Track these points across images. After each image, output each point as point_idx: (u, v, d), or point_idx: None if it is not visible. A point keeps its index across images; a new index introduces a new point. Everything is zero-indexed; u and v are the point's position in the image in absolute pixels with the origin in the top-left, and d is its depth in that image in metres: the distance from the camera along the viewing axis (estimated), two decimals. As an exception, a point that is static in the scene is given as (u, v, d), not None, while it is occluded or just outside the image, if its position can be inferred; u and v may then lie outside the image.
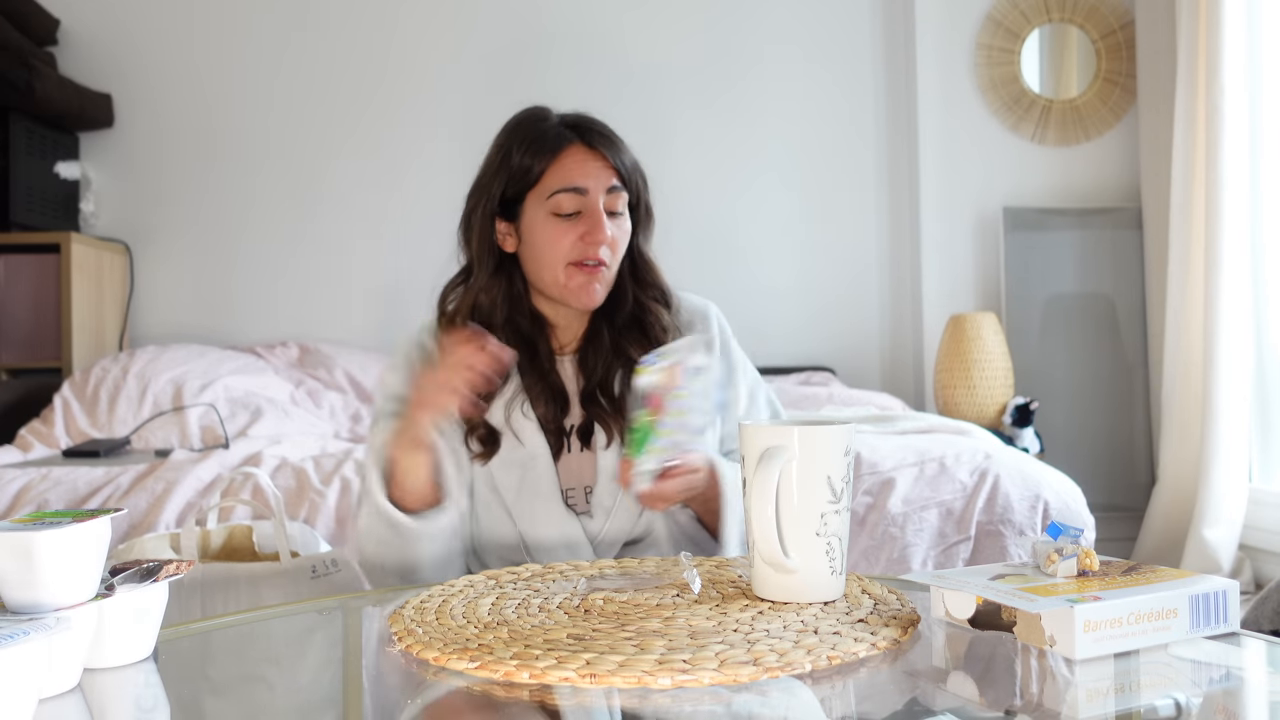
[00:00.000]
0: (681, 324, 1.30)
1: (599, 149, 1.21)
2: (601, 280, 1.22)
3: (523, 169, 1.21)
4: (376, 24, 3.47)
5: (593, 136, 1.22)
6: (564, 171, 1.20)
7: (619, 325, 1.26)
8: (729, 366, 1.30)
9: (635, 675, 0.65)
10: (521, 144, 1.22)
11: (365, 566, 1.21)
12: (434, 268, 1.33)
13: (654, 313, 1.27)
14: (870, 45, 3.60)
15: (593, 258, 1.19)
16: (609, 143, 1.23)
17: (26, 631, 0.58)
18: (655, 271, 1.29)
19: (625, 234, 1.24)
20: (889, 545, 1.84)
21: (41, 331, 3.02)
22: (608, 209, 1.21)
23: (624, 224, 1.24)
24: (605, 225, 1.20)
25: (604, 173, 1.21)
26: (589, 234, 1.19)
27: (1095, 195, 3.52)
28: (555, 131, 1.22)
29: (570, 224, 1.20)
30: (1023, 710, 0.65)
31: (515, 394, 1.24)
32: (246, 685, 0.76)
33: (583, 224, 1.20)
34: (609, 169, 1.21)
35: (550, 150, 1.21)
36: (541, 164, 1.21)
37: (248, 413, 2.63)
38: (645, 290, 1.28)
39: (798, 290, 3.54)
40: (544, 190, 1.21)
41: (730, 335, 1.33)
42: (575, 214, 1.20)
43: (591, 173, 1.20)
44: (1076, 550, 0.78)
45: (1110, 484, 3.37)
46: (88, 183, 3.36)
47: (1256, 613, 1.46)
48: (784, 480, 0.80)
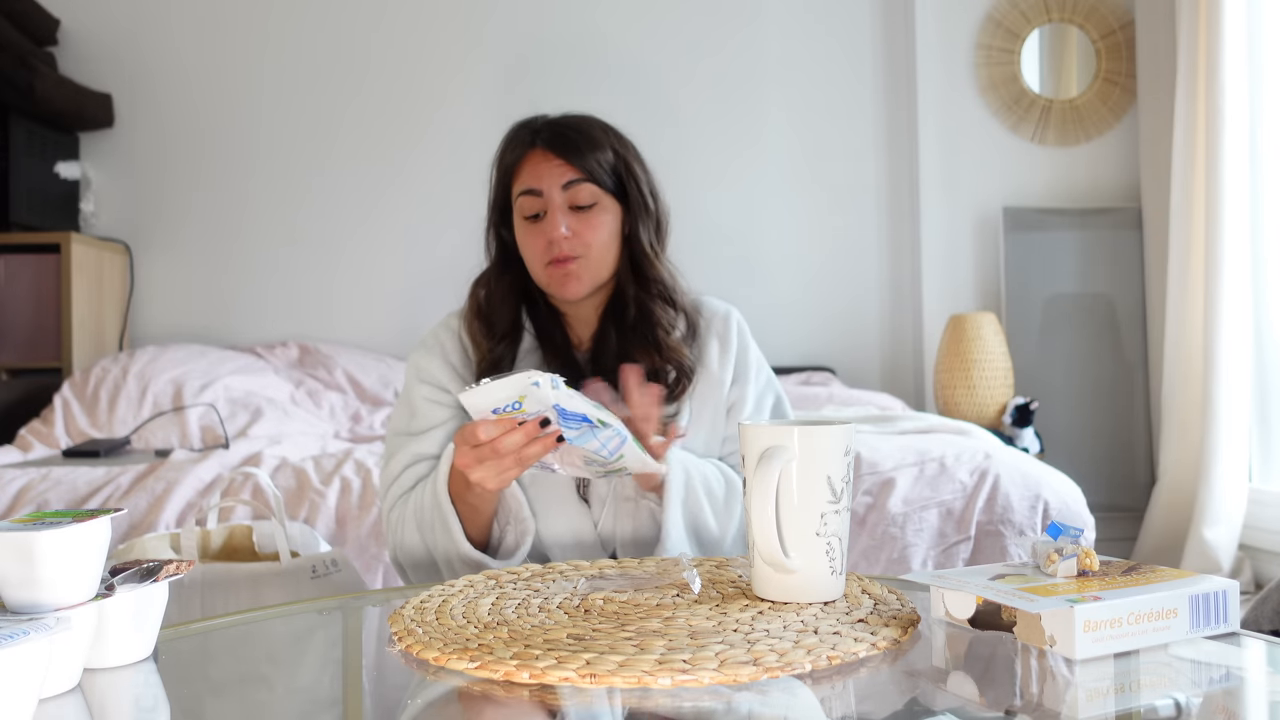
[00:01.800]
0: (701, 327, 1.31)
1: (556, 150, 1.25)
2: (576, 273, 1.25)
3: (503, 174, 1.29)
4: (378, 25, 3.47)
5: (550, 138, 1.26)
6: (524, 175, 1.27)
7: (626, 325, 1.27)
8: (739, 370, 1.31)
9: (635, 675, 0.65)
10: (501, 151, 1.30)
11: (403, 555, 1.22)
12: (434, 268, 1.35)
13: (654, 313, 1.27)
14: (870, 45, 3.60)
15: (556, 255, 1.24)
16: (565, 142, 1.25)
17: (26, 631, 0.58)
18: (656, 268, 1.29)
19: (597, 225, 1.26)
20: (889, 545, 1.84)
21: (41, 331, 3.02)
22: (570, 204, 1.25)
23: (595, 216, 1.26)
24: (560, 222, 1.23)
25: (559, 171, 1.25)
26: (547, 232, 1.24)
27: (1095, 195, 3.52)
28: (521, 138, 1.28)
29: (538, 226, 1.25)
30: (1023, 710, 0.65)
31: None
32: (246, 685, 0.76)
33: (546, 227, 1.25)
34: (564, 166, 1.25)
35: (515, 158, 1.28)
36: (510, 169, 1.28)
37: (248, 413, 2.63)
38: (648, 287, 1.29)
39: (798, 290, 3.54)
40: (515, 194, 1.28)
41: (749, 340, 1.34)
42: (540, 215, 1.25)
43: (545, 173, 1.25)
44: (1076, 550, 0.78)
45: (1110, 484, 3.37)
46: (88, 183, 3.36)
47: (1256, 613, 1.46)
48: (784, 480, 0.80)
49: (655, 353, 1.25)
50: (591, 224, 1.25)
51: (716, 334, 1.31)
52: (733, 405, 1.29)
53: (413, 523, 1.19)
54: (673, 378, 1.26)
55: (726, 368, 1.30)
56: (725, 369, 1.29)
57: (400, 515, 1.22)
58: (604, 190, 1.26)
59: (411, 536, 1.20)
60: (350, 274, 3.44)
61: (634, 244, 1.28)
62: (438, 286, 3.43)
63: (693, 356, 1.28)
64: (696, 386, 1.28)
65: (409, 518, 1.20)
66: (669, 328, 1.27)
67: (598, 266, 1.26)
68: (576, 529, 1.22)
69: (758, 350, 1.35)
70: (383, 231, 3.45)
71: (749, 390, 1.30)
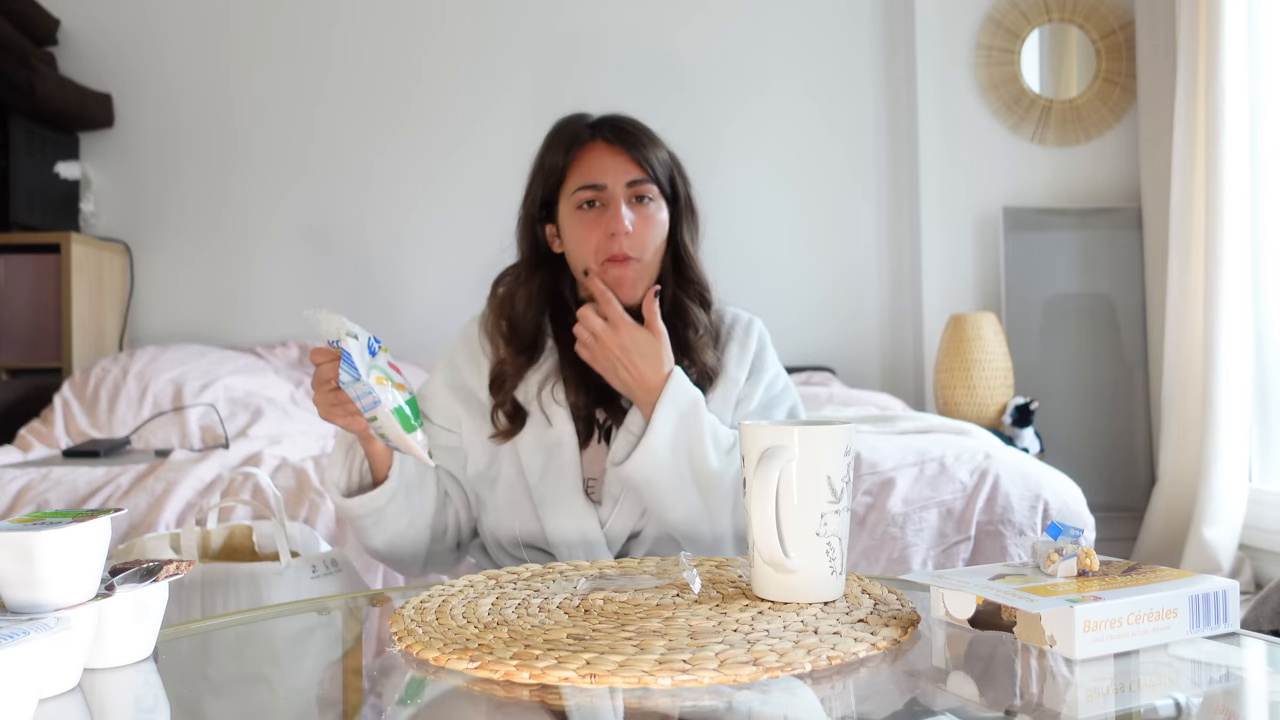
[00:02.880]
0: (724, 334, 1.32)
1: (619, 144, 1.24)
2: (633, 278, 1.23)
3: (552, 169, 1.26)
4: (378, 25, 3.47)
5: (614, 132, 1.24)
6: (584, 168, 1.24)
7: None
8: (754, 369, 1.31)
9: (635, 675, 0.65)
10: (551, 146, 1.27)
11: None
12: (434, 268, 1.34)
13: (689, 311, 1.28)
14: (870, 46, 3.60)
15: (617, 252, 1.21)
16: (630, 138, 1.24)
17: (26, 631, 0.58)
18: (697, 269, 1.30)
19: (656, 223, 1.25)
20: (889, 545, 1.84)
21: (41, 331, 3.02)
22: (633, 198, 1.23)
23: (654, 213, 1.25)
24: (624, 217, 1.21)
25: (623, 166, 1.23)
26: (609, 225, 1.21)
27: (1095, 195, 3.52)
28: (579, 131, 1.26)
29: (594, 219, 1.23)
30: (1023, 710, 0.65)
31: (549, 375, 1.26)
32: (246, 685, 0.76)
33: (605, 218, 1.22)
34: (629, 162, 1.23)
35: (573, 148, 1.25)
36: (566, 162, 1.25)
37: (248, 413, 2.63)
38: (686, 287, 1.30)
39: (797, 290, 3.54)
40: (569, 188, 1.25)
41: (768, 345, 1.34)
42: (599, 210, 1.23)
43: (609, 167, 1.23)
44: (1076, 550, 0.78)
45: (1110, 484, 3.37)
46: (88, 183, 3.36)
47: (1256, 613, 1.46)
48: (784, 480, 0.80)
49: (680, 350, 1.25)
50: (650, 222, 1.24)
51: (738, 340, 1.32)
52: (741, 400, 1.29)
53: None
54: (694, 377, 1.25)
55: (742, 368, 1.30)
56: (741, 369, 1.30)
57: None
58: (660, 190, 1.26)
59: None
60: (351, 274, 3.44)
61: (678, 244, 1.29)
62: (439, 287, 3.44)
63: (715, 364, 1.28)
64: (716, 391, 1.28)
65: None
66: (699, 327, 1.28)
67: (652, 269, 1.26)
68: (583, 527, 1.22)
69: (776, 359, 1.35)
70: (383, 231, 3.44)
71: (758, 389, 1.31)
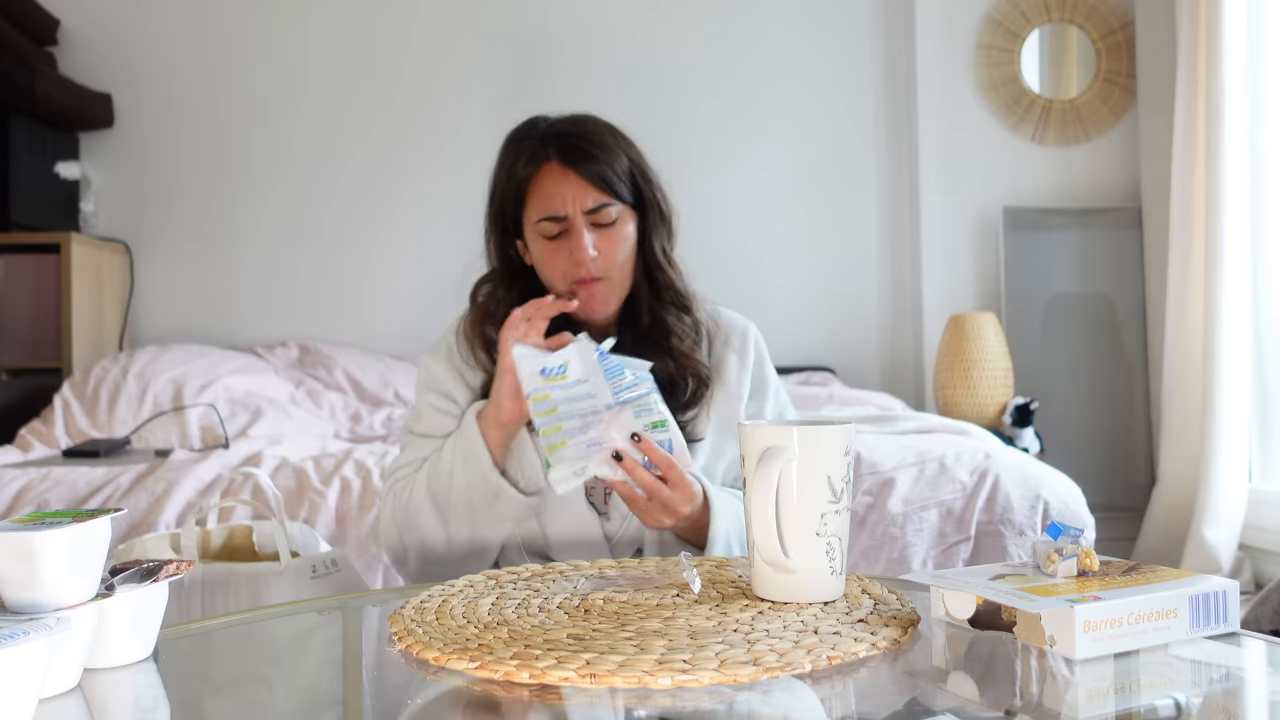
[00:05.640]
0: (719, 339, 1.31)
1: (571, 167, 1.20)
2: (602, 296, 1.23)
3: (513, 189, 1.24)
4: (379, 25, 3.47)
5: (565, 153, 1.21)
6: (542, 197, 1.22)
7: (639, 334, 1.27)
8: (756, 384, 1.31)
9: (635, 675, 0.65)
10: (508, 163, 1.25)
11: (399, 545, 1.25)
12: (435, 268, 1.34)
13: (667, 321, 1.26)
14: (870, 45, 3.60)
15: (584, 276, 1.21)
16: (582, 155, 1.21)
17: (26, 631, 0.58)
18: (670, 275, 1.28)
19: (620, 240, 1.23)
20: (889, 545, 1.84)
21: (41, 331, 3.02)
22: (595, 223, 1.21)
23: (617, 231, 1.23)
24: (587, 245, 1.20)
25: (582, 192, 1.20)
26: (573, 253, 1.21)
27: (1095, 195, 3.52)
28: (534, 149, 1.23)
29: (559, 245, 1.22)
30: (1023, 710, 0.65)
31: None
32: (246, 685, 0.76)
33: (569, 245, 1.21)
34: (586, 185, 1.20)
35: (529, 173, 1.22)
36: (524, 187, 1.23)
37: (248, 413, 2.63)
38: (659, 295, 1.28)
39: (798, 290, 3.54)
40: (530, 216, 1.23)
41: (766, 357, 1.34)
42: (562, 239, 1.22)
43: (568, 196, 1.20)
44: (1076, 550, 0.78)
45: (1110, 484, 3.37)
46: (88, 183, 3.36)
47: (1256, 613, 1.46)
48: (784, 480, 0.80)
49: (670, 360, 1.24)
50: (615, 241, 1.23)
51: (735, 349, 1.30)
52: (751, 419, 1.29)
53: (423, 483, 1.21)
54: (690, 386, 1.25)
55: (744, 382, 1.29)
56: (743, 384, 1.29)
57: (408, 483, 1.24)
58: (623, 201, 1.24)
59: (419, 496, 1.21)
60: (350, 274, 3.44)
61: (647, 251, 1.27)
62: (438, 287, 3.43)
63: (708, 365, 1.28)
64: (714, 398, 1.27)
65: (420, 479, 1.22)
66: (682, 335, 1.26)
67: (621, 284, 1.25)
68: (585, 532, 1.22)
69: (773, 368, 1.35)
70: (383, 231, 3.45)
71: (767, 406, 1.31)
